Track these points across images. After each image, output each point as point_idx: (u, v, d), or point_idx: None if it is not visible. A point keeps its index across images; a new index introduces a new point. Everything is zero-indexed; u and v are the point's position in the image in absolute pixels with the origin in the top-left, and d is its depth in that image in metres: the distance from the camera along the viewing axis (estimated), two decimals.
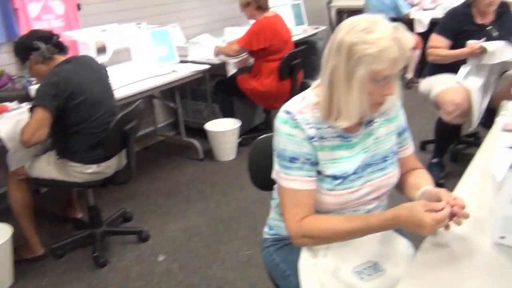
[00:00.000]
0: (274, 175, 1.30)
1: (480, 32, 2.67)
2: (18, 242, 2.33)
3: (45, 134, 2.06)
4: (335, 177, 1.24)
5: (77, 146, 2.18)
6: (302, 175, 1.22)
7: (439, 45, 2.79)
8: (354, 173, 1.26)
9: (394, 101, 1.31)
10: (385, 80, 1.14)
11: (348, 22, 1.15)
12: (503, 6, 2.77)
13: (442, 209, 1.08)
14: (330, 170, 1.24)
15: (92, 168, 2.22)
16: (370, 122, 1.30)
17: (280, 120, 1.24)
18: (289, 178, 1.22)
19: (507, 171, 1.11)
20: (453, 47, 2.76)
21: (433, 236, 1.15)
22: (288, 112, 1.23)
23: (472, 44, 2.63)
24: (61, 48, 2.20)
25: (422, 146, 3.42)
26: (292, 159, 1.22)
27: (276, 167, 1.27)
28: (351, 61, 1.11)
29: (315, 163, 1.24)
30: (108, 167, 2.28)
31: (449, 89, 2.72)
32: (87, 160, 2.20)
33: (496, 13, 2.74)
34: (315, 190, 1.24)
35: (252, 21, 3.51)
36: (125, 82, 2.96)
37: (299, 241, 1.23)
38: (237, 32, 4.05)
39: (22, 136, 2.06)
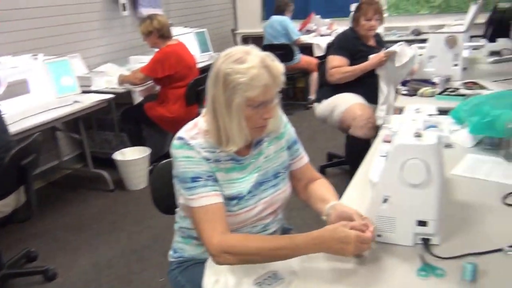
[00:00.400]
0: (181, 201, 1.33)
1: (371, 52, 2.92)
2: None
3: None
4: (231, 198, 1.30)
5: None
6: (208, 190, 1.25)
7: (341, 64, 2.94)
8: (249, 192, 1.32)
9: (279, 121, 1.39)
10: (261, 105, 1.23)
11: (224, 53, 1.24)
12: (379, 36, 3.19)
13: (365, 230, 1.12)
14: (226, 191, 1.30)
15: None
16: (259, 142, 1.38)
17: (175, 146, 1.29)
18: (196, 197, 1.24)
19: (380, 175, 1.26)
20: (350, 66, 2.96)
21: (357, 258, 1.15)
22: (181, 138, 1.29)
23: (376, 54, 2.82)
24: None
25: (322, 171, 3.39)
26: (194, 179, 1.24)
27: (181, 192, 1.30)
28: (227, 90, 1.20)
29: (217, 180, 1.29)
30: (5, 205, 2.16)
31: (355, 105, 2.88)
32: None
33: (376, 41, 3.12)
34: (223, 204, 1.27)
35: (156, 50, 3.55)
36: (22, 116, 2.84)
37: (220, 258, 1.20)
38: (142, 60, 4.07)
39: None
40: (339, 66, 2.95)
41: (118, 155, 3.47)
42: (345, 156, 3.27)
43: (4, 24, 3.35)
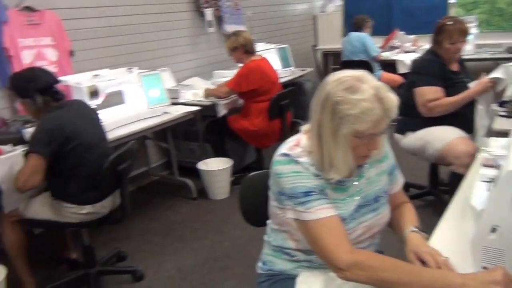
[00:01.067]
0: (292, 216, 1.26)
1: (457, 79, 2.66)
2: (13, 285, 2.31)
3: (39, 179, 2.10)
4: None
5: (72, 188, 2.22)
6: (323, 203, 1.21)
7: (438, 95, 2.59)
8: (350, 215, 1.28)
9: (383, 147, 1.34)
10: (369, 137, 1.18)
11: (335, 77, 1.19)
12: (460, 58, 2.80)
13: None
14: None
15: (87, 209, 2.25)
16: (361, 164, 1.32)
17: (280, 162, 1.26)
18: (311, 211, 1.19)
19: (486, 202, 1.17)
20: None
21: None
22: (286, 155, 1.26)
23: (480, 80, 2.55)
24: (57, 98, 2.23)
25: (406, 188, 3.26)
26: (307, 193, 1.20)
27: (292, 207, 1.23)
28: (335, 119, 1.16)
29: (327, 195, 1.24)
30: (103, 207, 2.31)
31: (455, 140, 2.53)
32: (82, 201, 2.23)
33: (458, 63, 2.78)
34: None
35: (240, 64, 3.66)
36: (117, 124, 3.04)
37: (349, 273, 1.13)
38: (225, 74, 4.21)
39: (17, 182, 2.09)
40: (437, 98, 2.59)
41: (202, 165, 3.59)
42: (448, 187, 2.89)
43: (103, 39, 3.64)
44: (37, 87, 2.15)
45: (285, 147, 1.30)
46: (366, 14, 5.40)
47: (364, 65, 4.99)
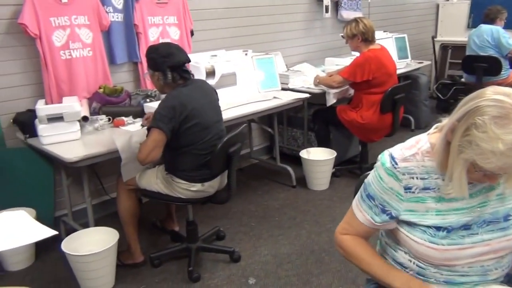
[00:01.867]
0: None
1: None
2: (121, 248, 2.49)
3: (159, 154, 2.20)
4: (437, 228, 1.18)
5: (185, 165, 2.30)
6: (369, 213, 1.27)
7: None
8: (465, 228, 1.17)
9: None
10: (489, 174, 1.06)
11: (496, 95, 1.01)
12: None
13: None
14: (431, 220, 1.18)
15: (197, 187, 2.32)
16: None
17: (382, 160, 1.23)
18: (358, 206, 1.32)
19: None
20: None
21: None
22: (392, 157, 1.20)
23: None
24: (184, 77, 2.31)
25: None
26: (370, 197, 1.27)
27: (359, 191, 1.33)
28: (464, 137, 1.03)
29: (389, 213, 1.23)
30: (211, 187, 2.38)
31: None
32: (192, 179, 2.31)
33: None
34: (372, 229, 1.31)
35: (356, 53, 3.51)
36: (228, 106, 3.09)
37: (336, 246, 1.43)
38: (336, 62, 4.08)
39: (139, 155, 2.21)
40: None
41: (304, 153, 3.55)
42: None
43: (222, 21, 3.72)
44: (169, 63, 2.24)
45: (401, 146, 1.23)
46: (499, 5, 4.86)
47: (492, 61, 4.54)
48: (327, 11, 4.51)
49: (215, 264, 2.59)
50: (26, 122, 2.61)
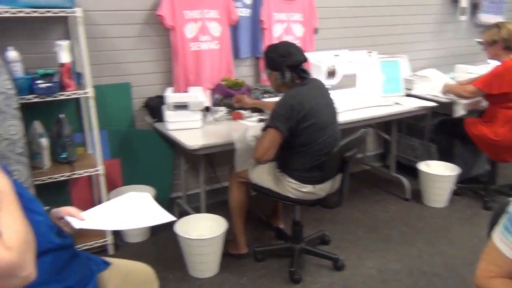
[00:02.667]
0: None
1: None
2: (228, 237, 2.55)
3: (273, 153, 2.20)
4: None
5: (298, 165, 2.27)
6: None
7: None
8: None
9: None
10: None
11: None
12: None
13: None
14: None
15: (308, 188, 2.28)
16: None
17: None
18: (502, 239, 1.16)
19: None
20: None
21: None
22: None
23: None
24: (302, 76, 2.27)
25: None
26: None
27: (502, 223, 1.18)
28: None
29: None
30: (322, 190, 2.31)
31: None
32: (304, 180, 2.27)
33: None
34: None
35: (494, 62, 3.16)
36: (346, 108, 2.99)
37: None
38: (469, 70, 3.74)
39: (255, 153, 2.22)
40: None
41: (422, 166, 3.30)
42: None
43: (347, 19, 3.61)
44: (288, 63, 2.22)
45: None
46: None
47: None
48: (463, 14, 4.14)
49: (317, 268, 2.53)
50: (155, 107, 2.79)
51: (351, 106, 3.05)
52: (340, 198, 2.39)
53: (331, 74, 2.98)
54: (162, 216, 1.42)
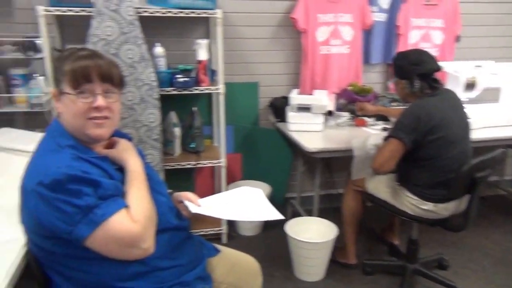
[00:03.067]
0: None
1: None
2: (337, 244, 2.50)
3: (393, 165, 2.09)
4: None
5: (420, 180, 2.13)
6: None
7: None
8: None
9: None
10: None
11: None
12: None
13: None
14: None
15: (428, 206, 2.13)
16: None
17: None
18: None
19: None
20: None
21: None
22: None
23: None
24: (433, 86, 2.13)
25: None
26: None
27: None
28: None
29: None
30: (445, 209, 2.14)
31: None
32: (425, 196, 2.12)
33: None
34: None
35: None
36: (484, 125, 2.72)
37: None
38: None
39: (374, 163, 2.13)
40: None
41: None
42: None
43: (494, 28, 3.27)
44: (419, 72, 2.10)
45: None
46: None
47: None
48: None
49: None
50: (279, 107, 2.87)
51: (491, 123, 2.76)
52: (465, 221, 2.17)
53: (470, 86, 2.74)
54: (271, 213, 1.46)
